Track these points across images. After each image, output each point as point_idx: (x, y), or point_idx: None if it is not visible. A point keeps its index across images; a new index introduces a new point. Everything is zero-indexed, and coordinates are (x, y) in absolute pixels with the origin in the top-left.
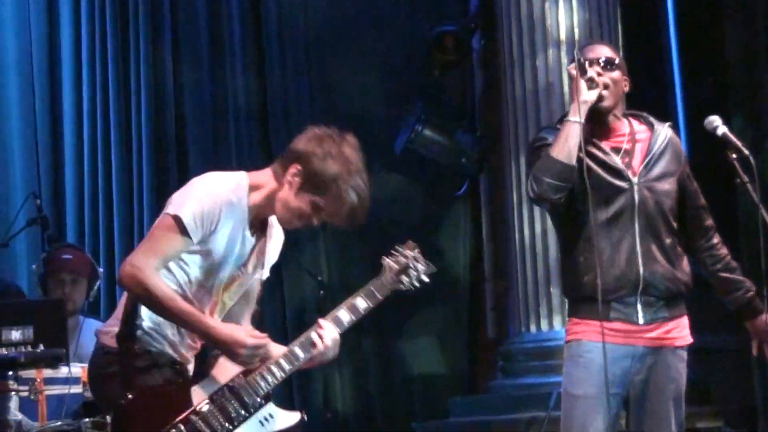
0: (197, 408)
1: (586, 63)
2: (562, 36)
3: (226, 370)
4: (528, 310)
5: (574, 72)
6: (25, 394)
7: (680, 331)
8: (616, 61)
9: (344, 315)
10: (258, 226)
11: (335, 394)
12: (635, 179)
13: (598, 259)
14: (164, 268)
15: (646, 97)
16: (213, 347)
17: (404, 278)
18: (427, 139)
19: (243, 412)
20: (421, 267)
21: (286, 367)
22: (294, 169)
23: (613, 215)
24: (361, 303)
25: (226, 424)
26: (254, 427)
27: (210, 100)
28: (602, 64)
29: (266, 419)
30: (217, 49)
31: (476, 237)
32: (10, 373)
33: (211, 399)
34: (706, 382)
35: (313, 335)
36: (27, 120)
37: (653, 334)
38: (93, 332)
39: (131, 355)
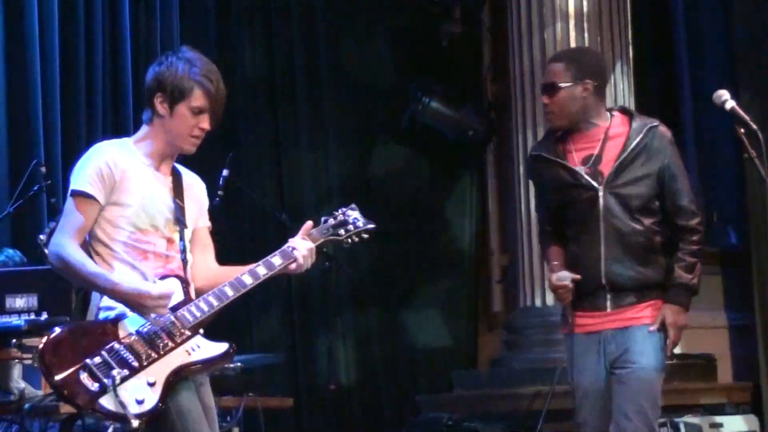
0: (121, 338)
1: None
2: (571, 9)
3: None
4: (533, 284)
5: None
6: (29, 362)
7: (647, 311)
8: (554, 84)
9: (276, 260)
10: (169, 174)
11: (339, 365)
12: (601, 187)
13: (575, 262)
14: (101, 234)
15: (654, 71)
16: (122, 303)
17: (341, 231)
18: (435, 112)
19: (169, 342)
20: (360, 223)
21: (230, 293)
22: (157, 98)
23: (581, 221)
24: (277, 259)
25: (152, 353)
26: (181, 356)
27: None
28: (546, 91)
29: (193, 349)
30: (224, 19)
31: (482, 210)
32: (14, 341)
33: (138, 332)
34: (710, 359)
35: (285, 249)
36: (33, 90)
37: (618, 317)
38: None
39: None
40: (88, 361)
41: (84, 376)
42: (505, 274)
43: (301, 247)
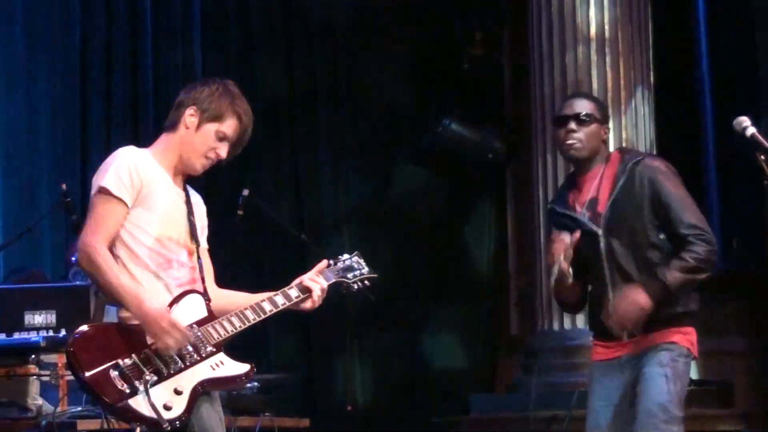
0: (151, 345)
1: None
2: (592, 33)
3: (182, 317)
4: (552, 307)
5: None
6: (46, 378)
7: (662, 335)
8: (590, 115)
9: (293, 292)
10: (183, 188)
11: (356, 386)
12: (600, 229)
13: (591, 303)
14: (125, 236)
15: (676, 96)
16: (142, 322)
17: (350, 275)
18: (455, 133)
19: (195, 355)
20: (365, 271)
21: (251, 316)
22: (189, 111)
23: (592, 265)
24: (306, 280)
25: (179, 362)
26: (205, 370)
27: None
28: (577, 119)
29: (217, 365)
30: (245, 38)
31: (501, 232)
32: (32, 357)
33: None
34: (727, 385)
35: (302, 282)
36: (55, 106)
37: (636, 345)
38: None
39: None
40: (119, 361)
41: (115, 375)
42: (523, 298)
43: (317, 286)
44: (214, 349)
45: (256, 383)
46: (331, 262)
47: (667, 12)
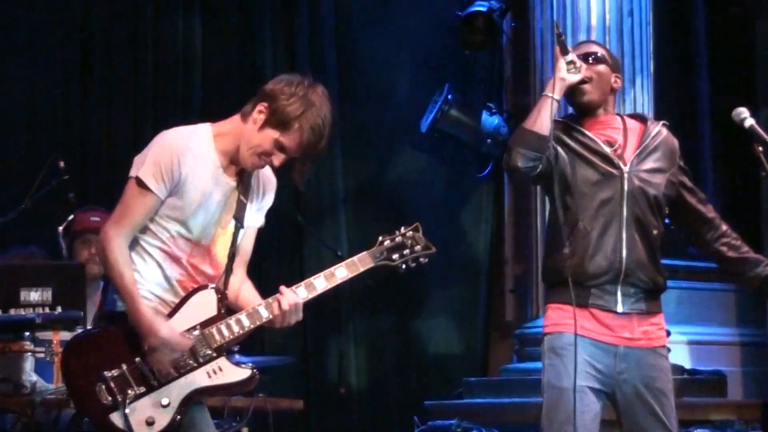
0: (143, 352)
1: (569, 46)
2: (593, 21)
3: (181, 322)
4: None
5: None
6: (41, 355)
7: (657, 331)
8: (602, 56)
9: (320, 282)
10: (239, 172)
11: (350, 369)
12: (626, 168)
13: (583, 245)
14: (146, 228)
15: (675, 86)
16: (138, 330)
17: (395, 256)
18: (454, 120)
19: (191, 361)
20: (418, 248)
21: (246, 323)
22: (261, 106)
23: (601, 202)
24: (341, 272)
25: (172, 370)
26: (202, 378)
27: (237, 74)
28: (587, 59)
29: (215, 372)
30: (246, 24)
31: (498, 219)
32: (27, 333)
33: None
34: (720, 375)
35: (272, 299)
36: (53, 81)
37: (630, 333)
38: (113, 295)
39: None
40: (106, 373)
41: (100, 388)
42: (518, 284)
43: (284, 302)
44: (214, 354)
45: (250, 364)
46: (380, 240)
47: (667, 2)
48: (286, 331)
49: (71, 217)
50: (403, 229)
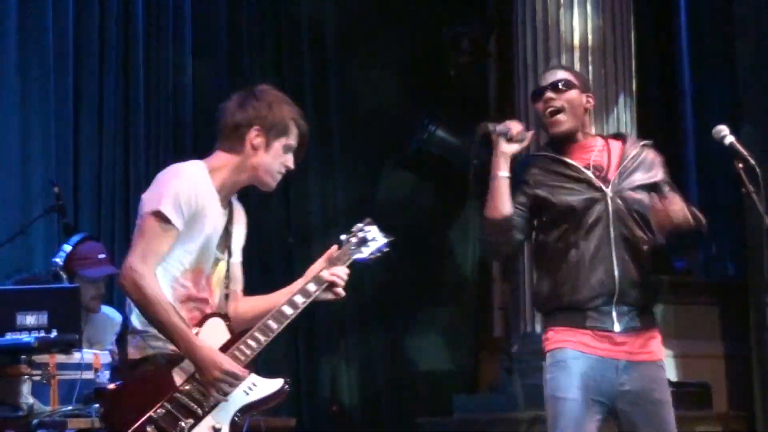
0: (180, 387)
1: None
2: (576, 42)
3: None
4: (534, 311)
5: (493, 134)
6: (38, 378)
7: (654, 345)
8: (569, 81)
9: (311, 286)
10: (227, 206)
11: (342, 387)
12: (608, 189)
13: (575, 271)
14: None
15: (658, 104)
16: (192, 363)
17: (363, 248)
18: (440, 140)
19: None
20: (380, 237)
21: (262, 338)
22: (254, 132)
23: (588, 227)
24: (325, 273)
25: (221, 396)
26: (240, 397)
27: (228, 96)
28: (555, 87)
29: (250, 388)
30: (235, 46)
31: None
32: (24, 357)
33: (193, 376)
34: (706, 387)
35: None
36: (46, 109)
37: (629, 348)
38: (106, 319)
39: (126, 353)
40: (153, 414)
41: (151, 429)
42: (506, 301)
43: (340, 280)
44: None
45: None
46: (343, 238)
47: (649, 21)
48: (279, 350)
49: (67, 247)
50: (360, 225)
